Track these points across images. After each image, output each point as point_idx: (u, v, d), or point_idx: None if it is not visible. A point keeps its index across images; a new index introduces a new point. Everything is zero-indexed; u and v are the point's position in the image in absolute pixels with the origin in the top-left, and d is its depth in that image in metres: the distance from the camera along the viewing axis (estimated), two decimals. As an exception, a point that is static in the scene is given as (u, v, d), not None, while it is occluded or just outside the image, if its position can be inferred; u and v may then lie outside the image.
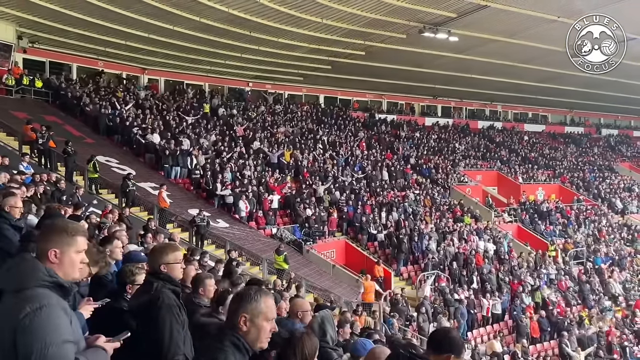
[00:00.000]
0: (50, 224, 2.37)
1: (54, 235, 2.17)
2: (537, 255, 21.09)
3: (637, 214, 29.52)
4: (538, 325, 16.77)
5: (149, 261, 3.27)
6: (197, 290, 3.88)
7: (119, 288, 3.48)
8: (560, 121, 43.53)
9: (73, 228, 2.23)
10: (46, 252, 2.13)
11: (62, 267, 2.14)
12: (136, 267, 3.55)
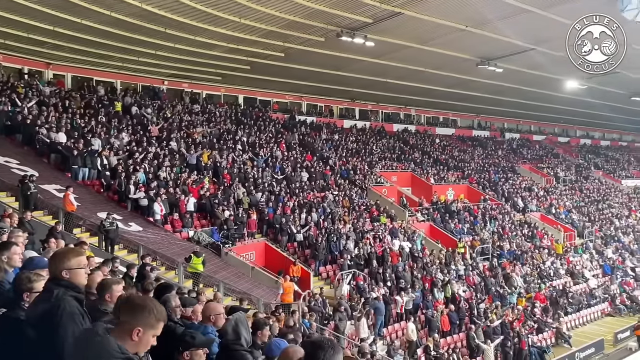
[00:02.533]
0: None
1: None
2: (447, 253, 22.22)
3: (536, 212, 31.95)
4: (448, 319, 17.65)
5: (49, 267, 3.07)
6: (102, 297, 3.68)
7: (15, 296, 3.24)
8: (469, 125, 46.22)
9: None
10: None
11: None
12: (34, 273, 3.32)
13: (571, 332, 20.40)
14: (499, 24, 20.11)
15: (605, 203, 38.64)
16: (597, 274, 26.77)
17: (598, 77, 29.88)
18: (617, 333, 20.00)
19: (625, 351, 18.50)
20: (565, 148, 52.52)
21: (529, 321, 19.55)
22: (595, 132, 60.65)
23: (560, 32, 21.10)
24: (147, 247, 14.35)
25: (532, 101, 38.25)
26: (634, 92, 35.80)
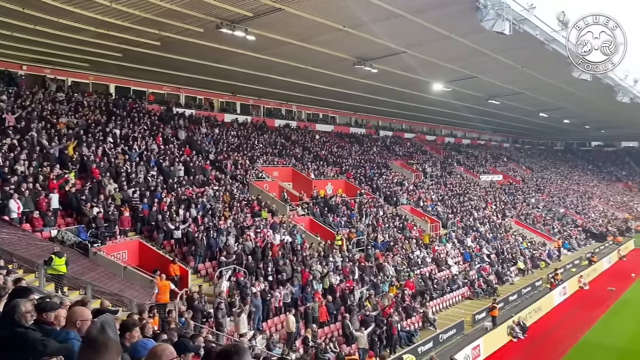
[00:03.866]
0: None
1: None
2: (325, 245, 22.90)
3: (406, 205, 34.14)
4: (326, 310, 18.22)
5: None
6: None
7: None
8: (347, 122, 48.02)
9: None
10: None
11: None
12: None
13: (436, 315, 22.16)
14: (374, 27, 21.03)
15: (466, 196, 42.46)
16: (459, 261, 29.34)
17: (460, 80, 32.81)
18: (474, 314, 22.12)
19: (481, 330, 20.50)
20: (432, 146, 56.79)
21: (399, 307, 20.85)
22: (458, 131, 66.42)
23: (428, 37, 22.83)
24: (2, 248, 12.90)
25: (404, 101, 40.71)
26: (490, 95, 39.65)
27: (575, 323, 22.26)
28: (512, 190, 51.99)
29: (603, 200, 67.39)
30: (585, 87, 35.57)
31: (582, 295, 27.51)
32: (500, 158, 66.05)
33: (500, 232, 37.53)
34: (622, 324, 22.05)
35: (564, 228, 46.36)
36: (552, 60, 28.24)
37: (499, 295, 25.91)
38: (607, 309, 24.49)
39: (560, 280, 28.47)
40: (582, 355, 18.26)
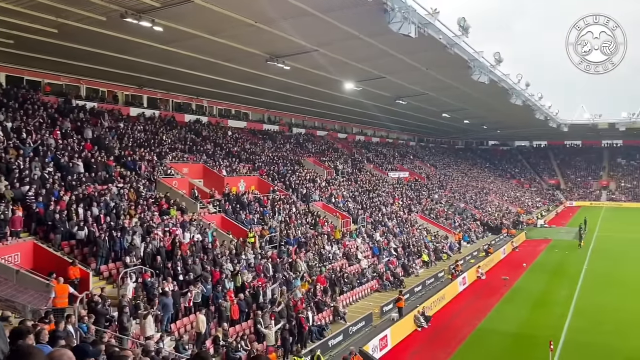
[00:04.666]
0: None
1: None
2: (237, 243, 22.65)
3: (319, 202, 34.64)
4: (238, 308, 18.04)
5: None
6: None
7: None
8: (259, 119, 47.75)
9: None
10: None
11: None
12: None
13: (346, 309, 22.73)
14: (285, 23, 21.07)
15: (375, 192, 43.90)
16: (368, 255, 30.28)
17: (369, 80, 33.79)
18: (382, 306, 22.95)
19: (389, 321, 21.31)
20: (344, 143, 58.04)
21: (311, 302, 21.13)
22: (368, 129, 68.45)
23: (339, 36, 23.27)
24: None
25: (317, 99, 41.22)
26: (398, 95, 41.25)
27: (473, 311, 23.82)
28: (417, 187, 54.50)
29: (498, 196, 72.56)
30: (483, 90, 38.04)
31: (480, 284, 29.48)
32: (407, 156, 68.93)
33: (406, 226, 39.22)
34: (514, 310, 23.93)
35: (464, 222, 49.40)
36: (453, 63, 29.96)
37: (405, 286, 27.12)
38: (502, 296, 26.45)
39: (461, 271, 30.34)
40: (479, 342, 19.57)
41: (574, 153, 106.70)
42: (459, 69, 31.11)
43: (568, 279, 30.08)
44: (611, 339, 19.45)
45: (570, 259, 36.81)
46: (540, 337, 18.98)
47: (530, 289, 28.02)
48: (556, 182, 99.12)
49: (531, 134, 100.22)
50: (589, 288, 27.89)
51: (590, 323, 21.63)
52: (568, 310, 23.39)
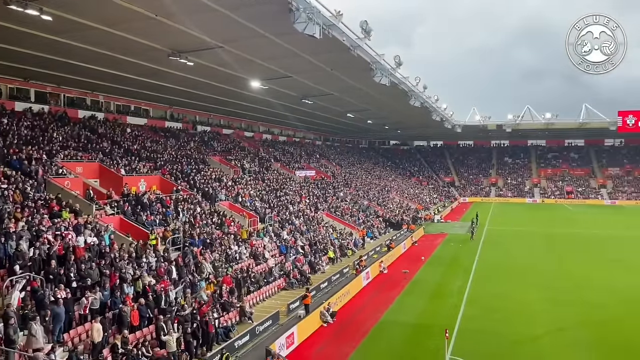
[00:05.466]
0: None
1: None
2: (138, 245, 21.64)
3: (225, 201, 34.06)
4: (138, 313, 17.25)
5: None
6: None
7: None
8: (161, 116, 45.98)
9: None
10: None
11: None
12: None
13: (253, 308, 22.60)
14: (188, 18, 20.46)
15: (282, 191, 44.04)
16: (275, 254, 30.31)
17: (276, 79, 33.82)
18: (289, 304, 23.10)
19: (295, 319, 21.48)
20: (250, 142, 57.63)
21: (217, 304, 20.74)
22: (275, 128, 68.49)
23: (244, 34, 23.02)
24: None
25: (222, 97, 40.48)
26: (304, 95, 41.68)
27: (376, 304, 24.72)
28: (323, 185, 55.49)
29: (399, 193, 75.85)
30: (384, 91, 39.55)
31: (383, 278, 30.66)
32: (313, 155, 69.92)
33: (313, 224, 39.78)
34: (414, 302, 25.17)
35: (368, 219, 51.11)
36: (357, 65, 30.85)
37: (312, 284, 27.51)
38: (402, 289, 27.70)
39: (364, 266, 31.35)
40: (381, 333, 20.35)
41: (466, 152, 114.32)
42: (362, 71, 32.10)
43: (462, 271, 32.19)
44: (500, 325, 21.10)
45: (464, 252, 39.42)
46: (437, 326, 20.14)
47: (428, 281, 29.62)
48: (451, 179, 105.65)
49: (429, 135, 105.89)
50: (480, 278, 30.04)
51: (481, 311, 23.30)
52: (462, 300, 25.03)
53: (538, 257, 37.18)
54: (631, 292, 26.33)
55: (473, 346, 18.50)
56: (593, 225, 57.87)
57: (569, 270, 32.16)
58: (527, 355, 17.69)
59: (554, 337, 19.57)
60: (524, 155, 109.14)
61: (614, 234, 49.36)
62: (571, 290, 26.82)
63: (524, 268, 32.94)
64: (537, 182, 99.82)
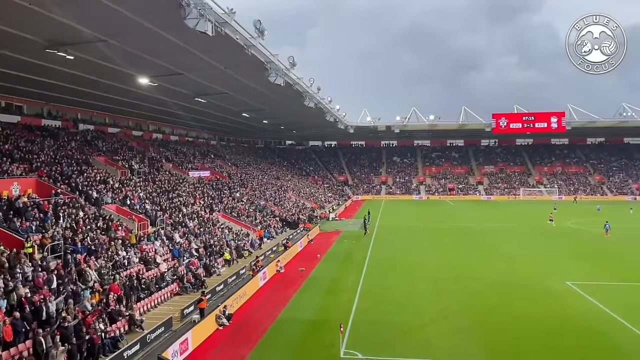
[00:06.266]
0: None
1: None
2: (11, 255, 19.68)
3: (112, 205, 32.11)
4: (12, 328, 15.70)
5: None
6: None
7: None
8: (37, 113, 42.28)
9: None
10: None
11: None
12: None
13: (144, 316, 21.56)
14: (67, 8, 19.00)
15: (175, 193, 42.53)
16: (167, 258, 29.18)
17: (166, 76, 32.60)
18: (183, 309, 22.35)
19: (190, 324, 20.83)
20: (139, 141, 54.96)
21: (103, 314, 19.50)
22: (166, 127, 66.01)
23: (132, 28, 21.88)
24: None
25: (107, 93, 38.17)
26: (197, 93, 40.60)
27: (273, 304, 24.76)
28: (219, 186, 54.48)
29: (296, 193, 76.75)
30: (279, 92, 39.78)
31: (279, 277, 30.79)
32: (208, 155, 68.37)
33: (208, 226, 38.88)
34: (310, 298, 25.58)
35: (265, 218, 51.05)
36: (251, 64, 30.71)
37: (207, 287, 26.87)
38: (299, 287, 28.03)
39: (261, 266, 31.26)
40: (279, 332, 20.42)
41: (359, 152, 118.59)
42: (257, 71, 32.01)
43: (355, 266, 33.30)
44: (391, 317, 22.12)
45: (357, 248, 40.82)
46: (332, 321, 20.64)
47: (323, 278, 30.27)
48: (345, 178, 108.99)
49: (323, 135, 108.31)
50: (372, 272, 31.29)
51: (373, 303, 24.28)
52: (355, 294, 25.89)
53: (424, 250, 39.57)
54: (505, 280, 28.95)
55: (366, 338, 19.21)
56: (472, 219, 62.82)
57: (452, 262, 34.59)
58: (415, 343, 18.72)
59: (439, 325, 20.91)
60: (411, 154, 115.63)
61: (490, 227, 53.98)
62: (453, 281, 28.85)
63: (412, 261, 34.87)
64: (423, 180, 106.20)
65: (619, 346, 18.07)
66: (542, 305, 23.54)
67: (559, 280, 28.20)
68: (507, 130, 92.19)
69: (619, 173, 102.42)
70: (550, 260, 34.89)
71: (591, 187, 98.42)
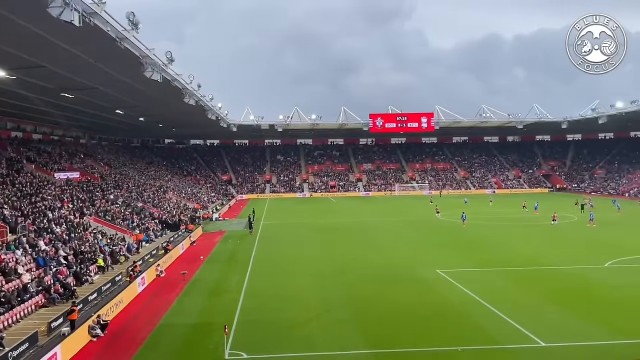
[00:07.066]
0: None
1: None
2: None
3: (-40, 211, 28.46)
4: None
5: None
6: None
7: None
8: None
9: None
10: None
11: None
12: None
13: (4, 332, 19.46)
14: None
15: (39, 196, 38.88)
16: (31, 268, 26.60)
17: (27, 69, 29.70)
18: (50, 322, 20.48)
19: (59, 337, 19.16)
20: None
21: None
22: (28, 125, 60.04)
23: None
24: None
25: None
26: (64, 88, 37.45)
27: (154, 309, 23.69)
28: (90, 188, 50.84)
29: (176, 193, 74.16)
30: (157, 88, 38.15)
31: (160, 282, 29.54)
32: (77, 155, 63.44)
33: (78, 231, 36.06)
34: (193, 301, 24.87)
35: (143, 221, 48.59)
36: (125, 59, 29.08)
37: (78, 297, 24.91)
38: (181, 290, 27.12)
39: (139, 271, 29.72)
40: (160, 338, 19.57)
41: (242, 151, 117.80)
42: (131, 65, 30.40)
43: (240, 266, 33.03)
44: (276, 314, 22.27)
45: (242, 247, 40.52)
46: (217, 322, 20.28)
47: (207, 279, 29.61)
48: (228, 177, 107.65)
49: (205, 133, 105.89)
50: (257, 271, 31.26)
51: (258, 302, 24.27)
52: (240, 294, 25.69)
53: (308, 246, 40.42)
54: (383, 271, 30.58)
55: (251, 337, 19.16)
56: (352, 214, 65.46)
57: (334, 256, 35.74)
58: (300, 338, 19.06)
59: (322, 319, 21.49)
60: (294, 153, 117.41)
61: (369, 221, 56.65)
62: (336, 274, 29.83)
63: (296, 257, 35.45)
64: (306, 178, 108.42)
65: (483, 326, 19.95)
66: (415, 293, 25.25)
67: (430, 269, 30.44)
68: (383, 129, 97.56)
69: (480, 169, 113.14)
70: (423, 250, 37.54)
71: (457, 182, 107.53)
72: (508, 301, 23.21)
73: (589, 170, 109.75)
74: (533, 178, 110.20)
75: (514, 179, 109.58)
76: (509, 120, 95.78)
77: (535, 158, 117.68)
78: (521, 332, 18.97)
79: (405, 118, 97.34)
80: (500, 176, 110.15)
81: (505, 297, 24.07)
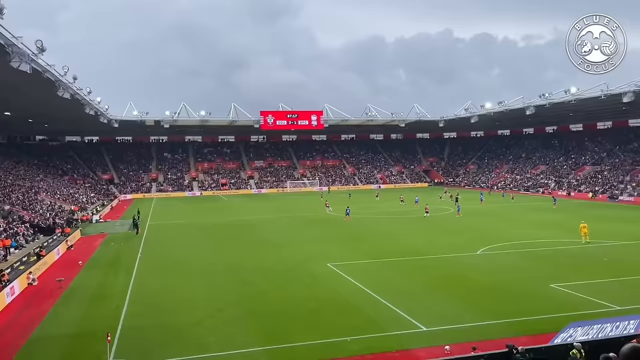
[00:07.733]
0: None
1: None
2: None
3: None
4: None
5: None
6: None
7: None
8: None
9: None
10: None
11: None
12: None
13: None
14: None
15: None
16: None
17: None
18: None
19: None
20: None
21: None
22: None
23: None
24: None
25: None
26: None
27: (25, 322, 21.62)
28: (-55, 190, 45.00)
29: (50, 194, 68.39)
30: (25, 79, 34.85)
31: (32, 291, 27.03)
32: None
33: None
34: (71, 311, 23.03)
35: (11, 226, 44.08)
36: (-15, 46, 26.15)
37: None
38: (57, 299, 25.04)
39: (8, 280, 26.92)
40: (33, 353, 17.92)
41: (125, 148, 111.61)
42: (-7, 53, 27.41)
43: (124, 270, 31.26)
44: (165, 317, 21.37)
45: (126, 250, 38.40)
46: (100, 331, 18.98)
47: (87, 286, 27.62)
48: (110, 177, 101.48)
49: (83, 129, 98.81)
50: (143, 275, 29.79)
51: (145, 307, 23.13)
52: (124, 299, 24.32)
53: (198, 247, 39.37)
54: (275, 267, 30.71)
55: (137, 343, 18.24)
56: (244, 212, 64.91)
57: (225, 255, 35.20)
58: (191, 340, 18.50)
59: (214, 319, 21.06)
60: (183, 150, 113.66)
61: (261, 219, 56.56)
62: (227, 273, 29.40)
63: (186, 258, 34.37)
64: (196, 176, 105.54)
65: (371, 315, 20.82)
66: (307, 287, 25.71)
67: (321, 263, 31.15)
68: (274, 126, 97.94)
69: (366, 165, 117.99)
70: (314, 245, 38.28)
71: (345, 179, 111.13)
72: (393, 290, 24.50)
73: (463, 166, 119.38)
74: (414, 173, 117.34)
75: (397, 175, 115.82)
76: (392, 119, 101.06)
77: (416, 155, 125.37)
78: (405, 319, 20.13)
79: (296, 116, 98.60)
80: (385, 172, 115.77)
81: (390, 286, 25.36)
